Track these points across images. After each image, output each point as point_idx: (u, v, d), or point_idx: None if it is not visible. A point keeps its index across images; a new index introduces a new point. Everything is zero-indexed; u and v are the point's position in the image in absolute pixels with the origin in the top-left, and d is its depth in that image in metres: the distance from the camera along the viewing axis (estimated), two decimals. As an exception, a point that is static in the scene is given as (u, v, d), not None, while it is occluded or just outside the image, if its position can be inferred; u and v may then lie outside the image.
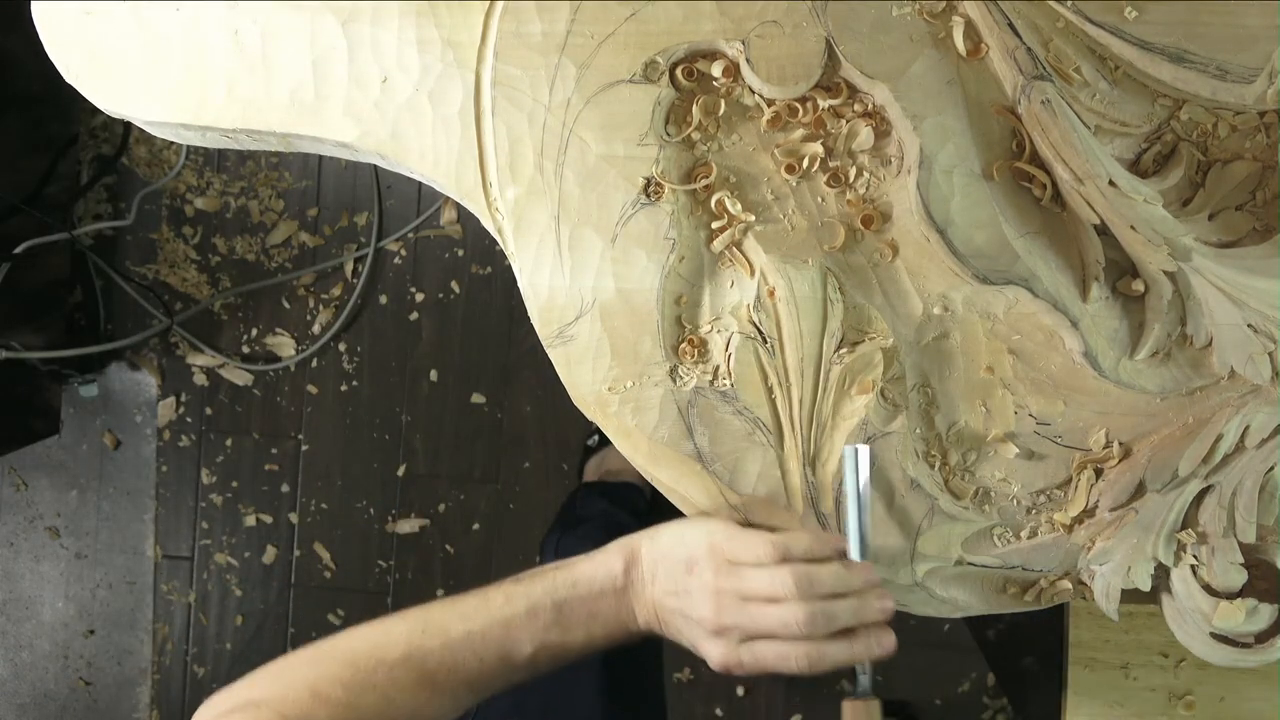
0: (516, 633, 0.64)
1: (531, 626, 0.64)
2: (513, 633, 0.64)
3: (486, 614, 0.65)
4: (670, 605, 0.64)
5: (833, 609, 0.63)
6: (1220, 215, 0.68)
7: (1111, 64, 0.66)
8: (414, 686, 0.63)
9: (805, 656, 0.62)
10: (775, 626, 0.62)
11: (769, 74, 0.67)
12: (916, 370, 0.70)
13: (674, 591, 0.64)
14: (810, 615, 0.62)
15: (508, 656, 0.64)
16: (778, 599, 0.62)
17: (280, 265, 1.86)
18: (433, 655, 0.64)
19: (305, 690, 0.62)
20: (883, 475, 0.70)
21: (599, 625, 0.65)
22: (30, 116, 1.64)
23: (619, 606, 0.65)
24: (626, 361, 0.69)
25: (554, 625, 0.64)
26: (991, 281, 0.68)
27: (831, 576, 0.64)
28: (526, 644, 0.64)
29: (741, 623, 0.62)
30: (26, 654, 1.95)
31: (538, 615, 0.65)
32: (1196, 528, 0.71)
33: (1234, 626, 0.71)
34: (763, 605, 0.62)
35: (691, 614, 0.64)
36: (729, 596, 0.63)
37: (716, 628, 0.63)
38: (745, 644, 0.63)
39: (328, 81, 0.70)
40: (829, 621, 0.62)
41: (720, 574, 0.63)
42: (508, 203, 0.69)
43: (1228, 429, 0.68)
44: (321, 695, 0.62)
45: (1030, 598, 0.73)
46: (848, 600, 0.63)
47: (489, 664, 0.64)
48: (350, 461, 1.86)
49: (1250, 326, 0.67)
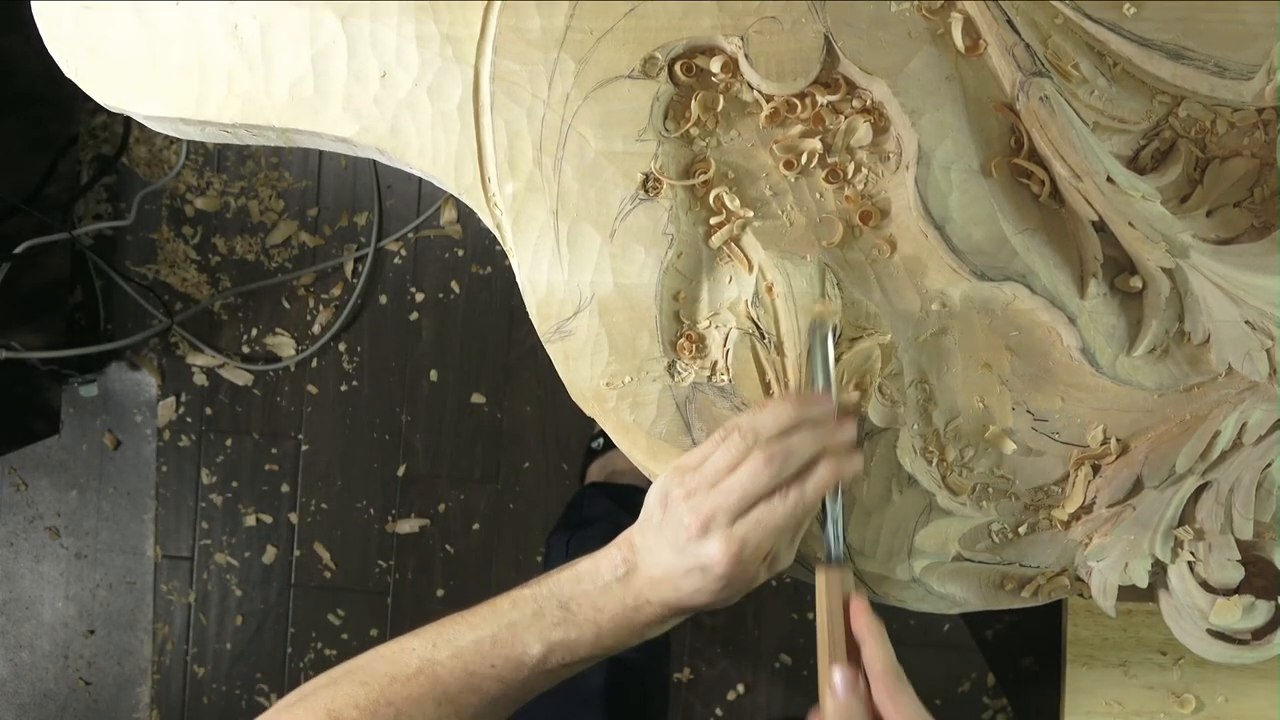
0: (524, 634, 0.64)
1: (538, 626, 0.64)
2: (520, 635, 0.64)
3: (494, 620, 0.65)
4: (662, 548, 0.64)
5: (789, 442, 0.62)
6: (1218, 212, 0.68)
7: (1110, 61, 0.66)
8: (428, 700, 0.63)
9: (789, 498, 0.62)
10: (747, 484, 0.61)
11: (768, 70, 0.67)
12: (914, 366, 0.70)
13: (658, 531, 0.64)
14: (769, 455, 0.61)
15: (518, 660, 0.64)
16: (738, 463, 0.62)
17: (280, 265, 1.86)
18: (444, 666, 0.63)
19: (322, 713, 0.62)
20: (880, 471, 0.70)
21: (607, 619, 0.64)
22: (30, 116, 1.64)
23: (625, 594, 0.64)
24: (625, 357, 0.69)
25: (561, 623, 0.64)
26: (989, 278, 0.68)
27: (774, 415, 0.63)
28: (535, 644, 0.64)
29: (718, 503, 0.62)
30: (26, 654, 1.95)
31: (544, 614, 0.64)
32: (1194, 524, 0.71)
33: (1231, 623, 0.71)
34: (730, 478, 0.62)
35: (679, 538, 0.63)
36: (700, 492, 0.62)
37: (701, 524, 0.62)
38: (738, 523, 0.62)
39: (327, 77, 0.70)
40: (788, 455, 0.62)
41: (685, 482, 0.63)
42: (506, 198, 0.69)
43: (1225, 425, 0.69)
44: (335, 716, 0.62)
45: (1027, 594, 0.73)
46: (801, 431, 0.63)
47: (500, 670, 0.64)
48: (350, 461, 1.86)
49: (1248, 323, 0.67)
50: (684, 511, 0.62)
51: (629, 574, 0.65)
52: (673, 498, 0.63)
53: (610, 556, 0.66)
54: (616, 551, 0.66)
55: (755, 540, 0.61)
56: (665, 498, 0.64)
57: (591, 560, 0.66)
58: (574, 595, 0.65)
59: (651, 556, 0.64)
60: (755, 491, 0.62)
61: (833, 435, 0.64)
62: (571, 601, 0.65)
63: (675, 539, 0.63)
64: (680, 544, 0.63)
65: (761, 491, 0.62)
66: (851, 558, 0.71)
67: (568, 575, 0.66)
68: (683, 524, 0.62)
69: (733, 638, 1.80)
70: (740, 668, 1.80)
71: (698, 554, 0.62)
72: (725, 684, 1.80)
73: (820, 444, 0.63)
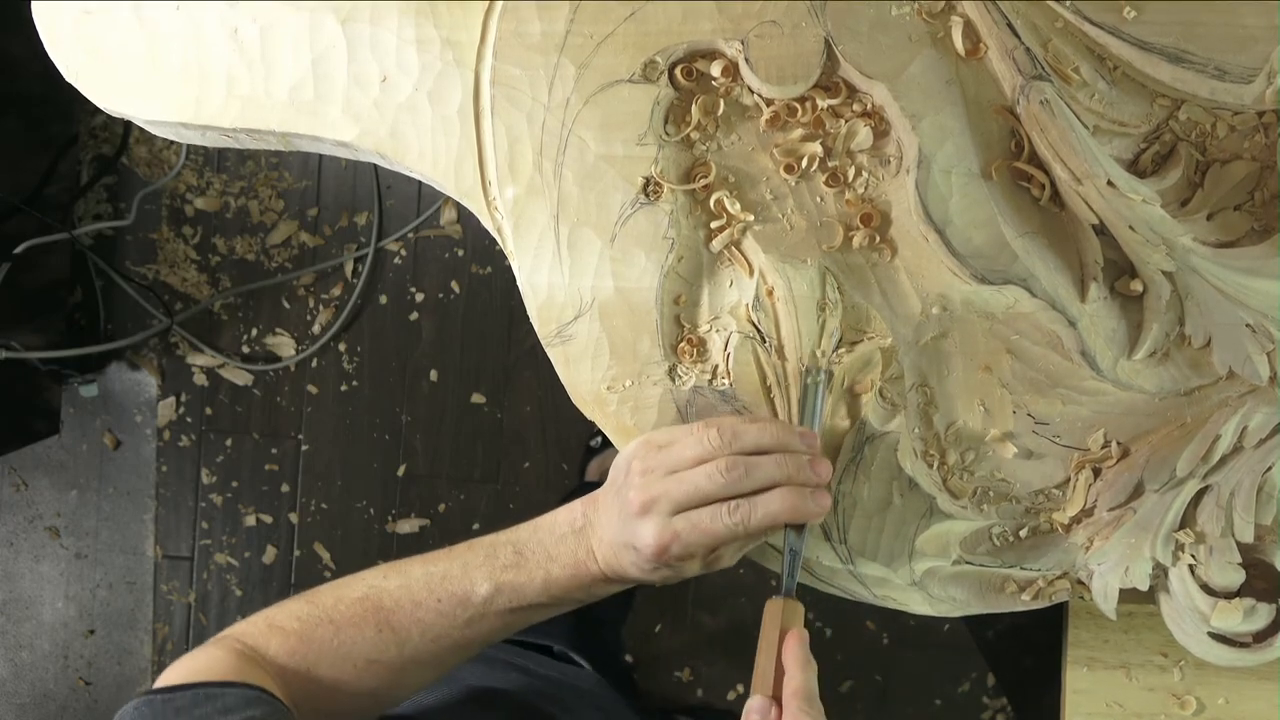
0: (474, 572, 0.64)
1: (489, 566, 0.64)
2: (470, 572, 0.64)
3: (448, 559, 0.66)
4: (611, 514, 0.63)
5: (756, 460, 0.61)
6: (1219, 215, 0.68)
7: (1110, 64, 0.66)
8: (367, 623, 0.64)
9: (735, 510, 0.60)
10: (701, 482, 0.60)
11: (768, 74, 0.67)
12: (915, 370, 0.70)
13: (614, 495, 0.64)
14: (731, 463, 0.61)
15: (464, 596, 0.64)
16: (704, 459, 0.61)
17: (280, 265, 1.86)
18: (389, 595, 0.65)
19: (263, 622, 0.65)
20: (881, 474, 0.70)
21: (558, 568, 0.64)
22: (30, 116, 1.64)
23: (577, 547, 0.64)
24: (625, 360, 0.69)
25: (512, 566, 0.64)
26: (990, 281, 0.68)
27: (757, 430, 0.62)
28: (483, 582, 0.64)
29: (668, 488, 0.61)
30: (26, 654, 1.95)
31: (496, 556, 0.65)
32: (1194, 527, 0.71)
33: (1232, 626, 0.71)
34: (689, 471, 0.61)
35: (624, 509, 0.62)
36: (656, 473, 0.62)
37: (642, 504, 0.61)
38: (679, 515, 0.61)
39: (327, 80, 0.70)
40: (750, 470, 0.61)
41: (649, 457, 0.63)
42: (507, 202, 0.69)
43: (1226, 429, 0.68)
44: (276, 625, 0.64)
45: (1028, 597, 0.73)
46: (775, 455, 0.62)
47: (445, 605, 0.64)
48: (350, 461, 1.87)
49: (1248, 326, 0.67)
50: (634, 486, 0.62)
51: (585, 528, 0.65)
52: (633, 469, 0.63)
53: (571, 509, 0.66)
54: (579, 505, 0.66)
55: (688, 540, 0.61)
56: (628, 466, 0.64)
57: (553, 514, 0.67)
58: (528, 541, 0.65)
59: (604, 517, 0.64)
60: (706, 492, 0.61)
61: (802, 471, 0.63)
62: (525, 546, 0.65)
63: (621, 509, 0.63)
64: (623, 516, 0.62)
65: (712, 495, 0.61)
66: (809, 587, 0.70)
67: (529, 524, 0.67)
68: (628, 498, 0.62)
69: (733, 638, 1.81)
70: (740, 668, 1.80)
71: (632, 532, 0.62)
72: (725, 684, 1.80)
73: (785, 473, 0.62)
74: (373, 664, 0.64)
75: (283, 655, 0.63)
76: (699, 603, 1.80)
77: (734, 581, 1.79)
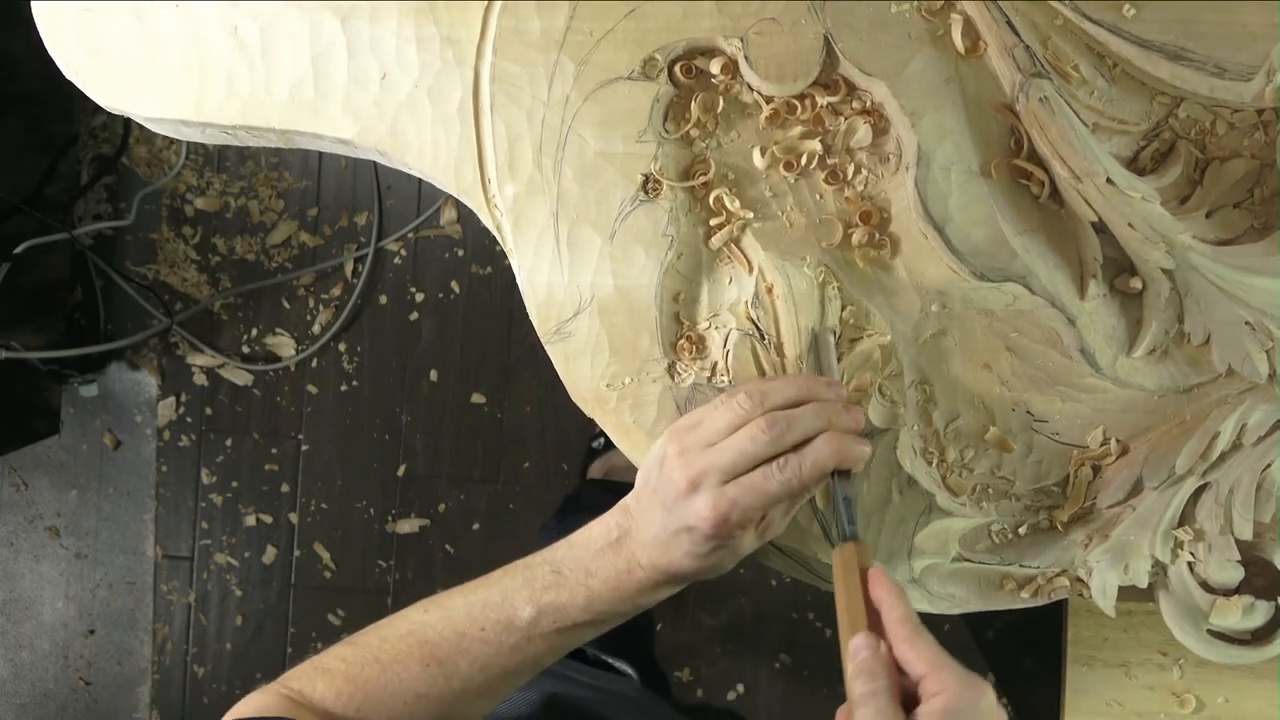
0: (514, 596, 0.64)
1: (528, 589, 0.64)
2: (510, 597, 0.64)
3: (487, 587, 0.65)
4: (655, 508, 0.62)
5: (793, 413, 0.61)
6: (1218, 213, 0.68)
7: (1110, 62, 0.66)
8: (413, 658, 0.63)
9: (785, 466, 0.60)
10: (745, 445, 0.60)
11: (767, 71, 0.67)
12: (914, 367, 0.70)
13: (652, 491, 0.63)
14: (771, 419, 0.60)
15: (508, 622, 0.63)
16: (739, 425, 0.61)
17: (280, 265, 1.86)
18: (433, 628, 0.64)
19: (309, 667, 0.64)
20: (880, 472, 0.70)
21: (599, 582, 0.63)
22: (30, 116, 1.64)
23: (616, 558, 0.64)
24: (625, 358, 0.69)
25: (552, 586, 0.63)
26: (989, 279, 0.68)
27: (783, 386, 0.62)
28: (525, 606, 0.63)
29: (712, 460, 0.60)
30: (26, 654, 1.95)
31: (534, 577, 0.64)
32: (1194, 525, 0.71)
33: (1231, 624, 0.71)
34: (727, 439, 0.61)
35: (669, 495, 0.61)
36: (694, 450, 0.61)
37: (690, 481, 0.60)
38: (730, 483, 0.60)
39: (327, 78, 0.70)
40: (791, 423, 0.60)
41: (682, 438, 0.62)
42: (506, 200, 0.69)
43: (1225, 426, 0.69)
44: (322, 668, 0.63)
45: (1028, 594, 0.73)
46: (811, 404, 0.62)
47: (490, 632, 0.63)
48: (350, 461, 1.87)
49: (1248, 324, 0.68)
50: (676, 468, 0.61)
51: (622, 538, 0.64)
52: (668, 456, 0.62)
53: (604, 522, 0.65)
54: (611, 517, 0.65)
55: (745, 504, 0.60)
56: (661, 458, 0.63)
57: (586, 528, 0.66)
58: (566, 559, 0.64)
59: (644, 518, 0.63)
60: (752, 454, 0.60)
61: (839, 417, 0.62)
62: (563, 565, 0.64)
63: (666, 497, 0.62)
64: (670, 502, 0.61)
65: (759, 456, 0.60)
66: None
67: (562, 543, 0.66)
68: (673, 480, 0.61)
69: (733, 638, 1.80)
70: (740, 668, 1.80)
71: (685, 512, 0.61)
72: (725, 684, 1.80)
73: (824, 421, 0.61)
74: (421, 698, 0.63)
75: (329, 698, 0.62)
76: (699, 603, 1.80)
77: (734, 581, 1.79)
